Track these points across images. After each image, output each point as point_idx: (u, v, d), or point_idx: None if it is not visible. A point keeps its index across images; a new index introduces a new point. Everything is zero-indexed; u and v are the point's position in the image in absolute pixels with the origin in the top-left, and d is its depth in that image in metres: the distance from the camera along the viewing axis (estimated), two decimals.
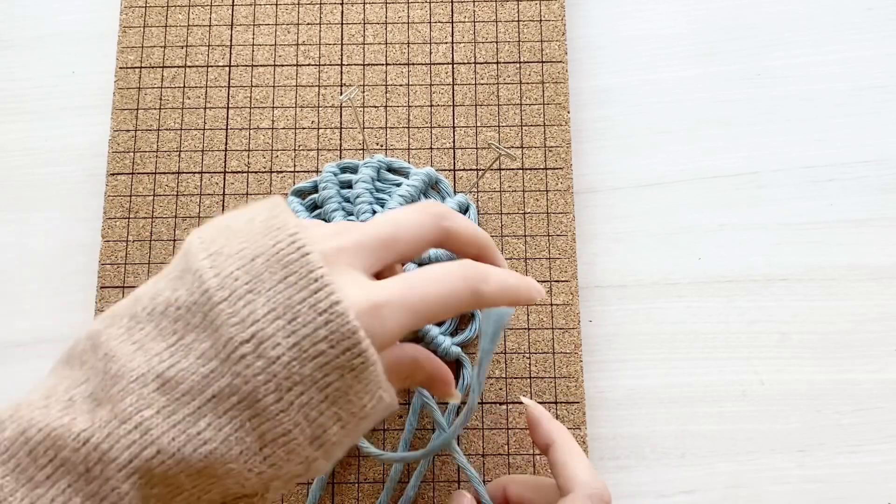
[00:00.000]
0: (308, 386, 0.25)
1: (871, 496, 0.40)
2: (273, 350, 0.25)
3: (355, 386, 0.26)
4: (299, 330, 0.25)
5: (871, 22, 0.47)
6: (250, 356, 0.24)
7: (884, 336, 0.42)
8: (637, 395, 0.41)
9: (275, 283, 0.25)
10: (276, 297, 0.25)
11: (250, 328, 0.25)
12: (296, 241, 0.26)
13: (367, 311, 0.26)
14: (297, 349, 0.25)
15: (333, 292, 0.25)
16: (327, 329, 0.25)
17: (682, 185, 0.44)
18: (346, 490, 0.39)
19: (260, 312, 0.25)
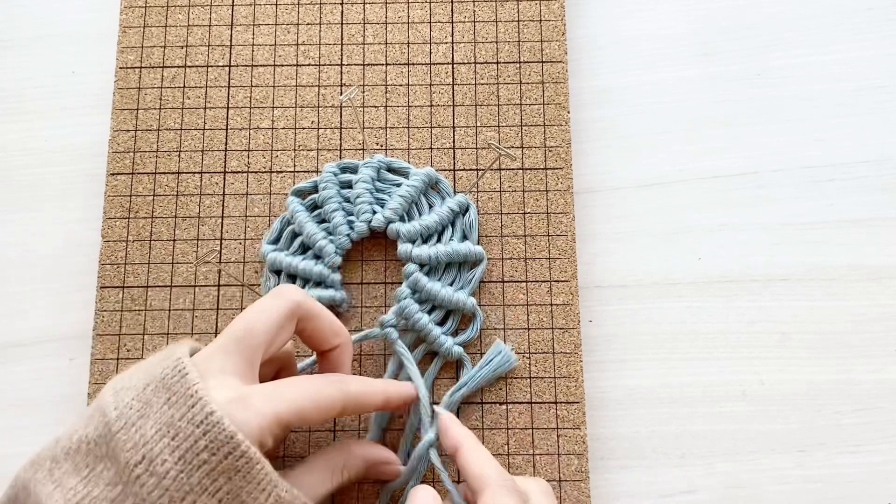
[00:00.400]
0: (199, 494, 0.28)
1: (871, 496, 0.40)
2: (161, 466, 0.28)
3: (246, 486, 0.28)
4: (182, 444, 0.28)
5: (871, 22, 0.47)
6: (144, 475, 0.28)
7: (884, 336, 0.42)
8: (637, 395, 0.41)
9: (160, 405, 0.29)
10: (161, 418, 0.28)
11: (141, 450, 0.28)
12: (178, 365, 0.30)
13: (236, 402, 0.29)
14: (182, 462, 0.28)
15: (207, 404, 0.28)
16: (206, 439, 0.28)
17: (682, 185, 0.44)
18: (346, 490, 0.39)
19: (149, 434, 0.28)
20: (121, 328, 0.41)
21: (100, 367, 0.40)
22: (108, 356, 0.40)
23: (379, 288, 0.41)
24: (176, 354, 0.30)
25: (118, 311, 0.41)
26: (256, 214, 0.42)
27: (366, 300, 0.41)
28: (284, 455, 0.39)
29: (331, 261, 0.40)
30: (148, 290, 0.41)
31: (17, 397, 0.41)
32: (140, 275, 0.41)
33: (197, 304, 0.41)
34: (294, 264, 0.40)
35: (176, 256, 0.42)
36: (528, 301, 0.41)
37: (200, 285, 0.41)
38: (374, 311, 0.41)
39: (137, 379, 0.30)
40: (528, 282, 0.41)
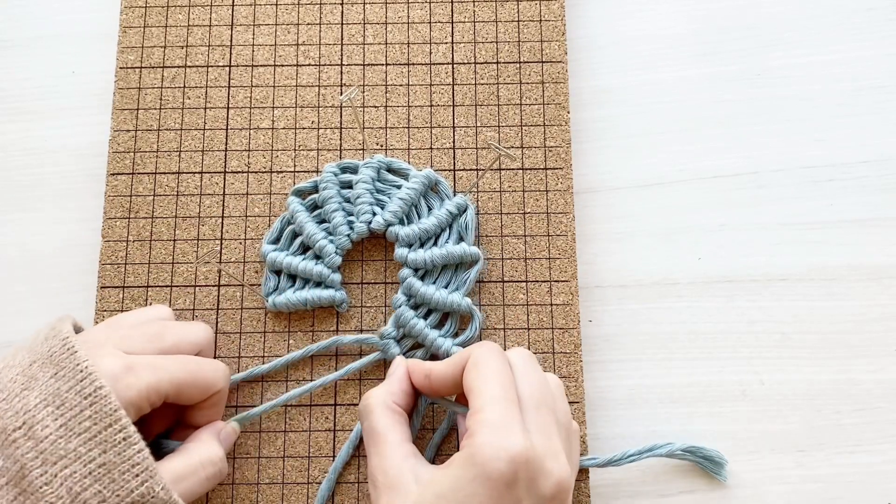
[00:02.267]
0: (72, 460, 0.29)
1: (871, 496, 0.40)
2: (42, 430, 0.29)
3: (119, 464, 0.29)
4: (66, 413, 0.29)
5: (871, 22, 0.47)
6: (21, 439, 0.28)
7: (884, 336, 0.42)
8: (637, 395, 0.41)
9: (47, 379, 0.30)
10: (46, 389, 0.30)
11: (22, 416, 0.29)
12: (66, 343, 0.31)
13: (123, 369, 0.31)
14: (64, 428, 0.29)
15: (97, 379, 0.30)
16: (92, 409, 0.29)
17: (682, 185, 0.44)
18: (346, 490, 0.39)
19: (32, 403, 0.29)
20: None
21: None
22: None
23: (379, 288, 0.41)
24: (63, 333, 0.31)
25: (118, 311, 0.41)
26: (256, 214, 0.42)
27: (366, 300, 0.41)
28: (285, 455, 0.39)
29: (331, 261, 0.40)
30: (148, 290, 0.41)
31: None
32: (140, 275, 0.41)
33: (197, 304, 0.41)
34: (294, 264, 0.40)
35: (176, 256, 0.42)
36: (528, 301, 0.41)
37: (200, 285, 0.41)
38: (374, 312, 0.41)
39: (21, 357, 0.31)
40: (528, 282, 0.41)
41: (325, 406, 0.40)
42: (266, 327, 0.41)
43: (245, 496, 0.39)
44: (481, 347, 0.33)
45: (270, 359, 0.40)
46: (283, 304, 0.40)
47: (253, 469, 0.39)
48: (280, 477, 0.39)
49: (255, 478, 0.39)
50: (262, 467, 0.39)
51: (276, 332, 0.41)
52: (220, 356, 0.40)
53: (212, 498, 0.39)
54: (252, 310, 0.41)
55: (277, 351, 0.40)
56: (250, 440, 0.39)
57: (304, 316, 0.41)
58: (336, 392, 0.40)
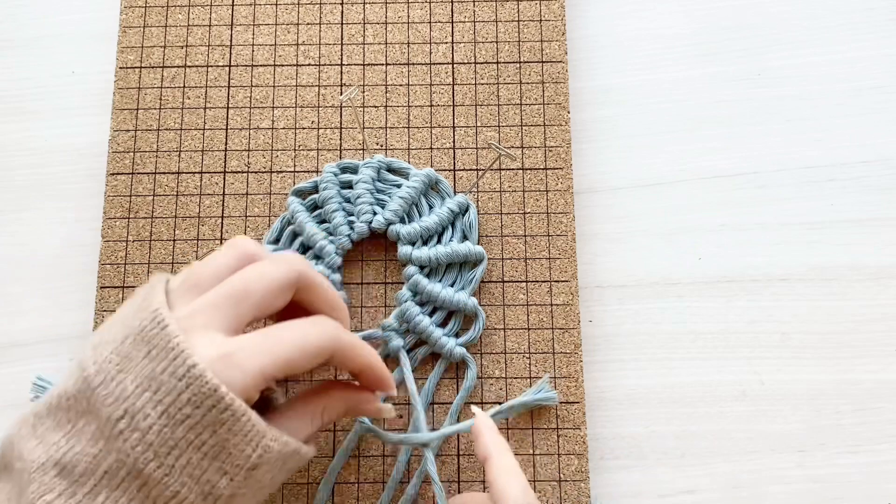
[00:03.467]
0: (184, 448, 0.27)
1: (871, 496, 0.40)
2: (144, 421, 0.27)
3: (232, 439, 0.28)
4: (164, 398, 0.27)
5: (871, 22, 0.47)
6: (126, 430, 0.27)
7: (884, 336, 0.42)
8: (637, 395, 0.41)
9: (140, 359, 0.28)
10: (142, 371, 0.28)
11: (122, 405, 0.27)
12: (156, 317, 0.28)
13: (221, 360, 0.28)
14: (165, 416, 0.27)
15: (189, 356, 0.28)
16: (189, 392, 0.27)
17: (682, 185, 0.44)
18: (346, 490, 0.39)
19: (129, 389, 0.28)
20: None
21: None
22: None
23: (379, 288, 0.41)
24: (153, 304, 0.29)
25: None
26: (256, 214, 0.42)
27: (366, 300, 0.41)
28: None
29: (331, 261, 0.40)
30: None
31: (16, 397, 0.41)
32: (140, 275, 0.41)
33: None
34: None
35: (176, 256, 0.42)
36: (528, 301, 0.41)
37: None
38: (374, 311, 0.41)
39: (115, 331, 0.29)
40: (528, 282, 0.41)
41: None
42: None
43: None
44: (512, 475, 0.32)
45: None
46: None
47: None
48: None
49: None
50: None
51: None
52: None
53: None
54: None
55: None
56: None
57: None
58: None
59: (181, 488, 0.27)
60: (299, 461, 0.31)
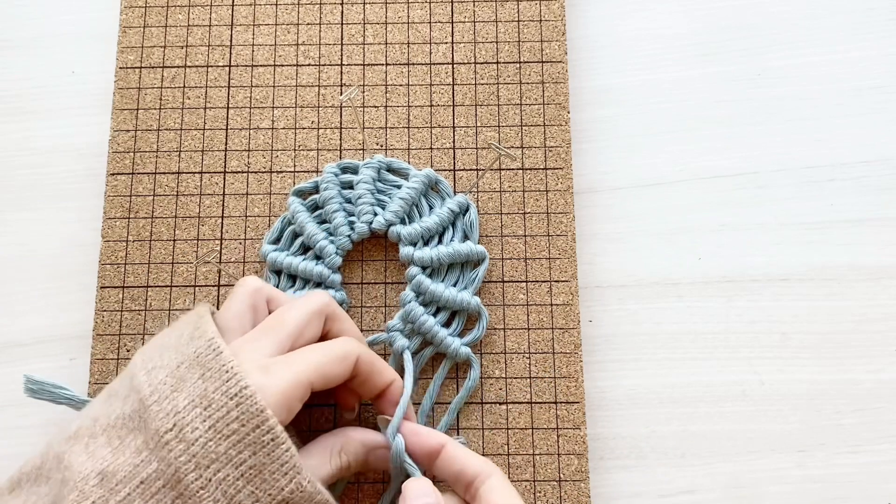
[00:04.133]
0: (224, 463, 0.29)
1: (871, 496, 0.40)
2: (192, 433, 0.29)
3: (269, 465, 0.29)
4: (214, 413, 0.29)
5: (871, 22, 0.47)
6: (173, 441, 0.29)
7: (884, 336, 0.42)
8: (637, 395, 0.41)
9: (195, 380, 0.30)
10: (195, 391, 0.30)
11: (173, 418, 0.29)
12: (212, 344, 0.31)
13: (260, 370, 0.31)
14: (212, 430, 0.29)
15: (242, 379, 0.30)
16: (238, 410, 0.29)
17: (682, 185, 0.44)
18: (346, 490, 0.39)
19: (181, 405, 0.29)
20: (121, 328, 0.41)
21: (100, 367, 0.40)
22: (108, 356, 0.40)
23: (379, 288, 0.41)
24: (208, 334, 0.31)
25: (118, 311, 0.41)
26: (256, 214, 0.42)
27: (366, 301, 0.41)
28: None
29: (331, 261, 0.40)
30: (148, 290, 0.41)
31: (16, 397, 0.41)
32: (140, 275, 0.41)
33: None
34: (294, 265, 0.40)
35: (176, 256, 0.42)
36: (528, 301, 0.41)
37: (200, 285, 0.41)
38: (375, 312, 0.41)
39: (169, 358, 0.31)
40: (528, 282, 0.41)
41: (324, 406, 0.40)
42: None
43: None
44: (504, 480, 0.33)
45: None
46: None
47: None
48: None
49: None
50: None
51: None
52: None
53: None
54: None
55: None
56: None
57: None
58: None
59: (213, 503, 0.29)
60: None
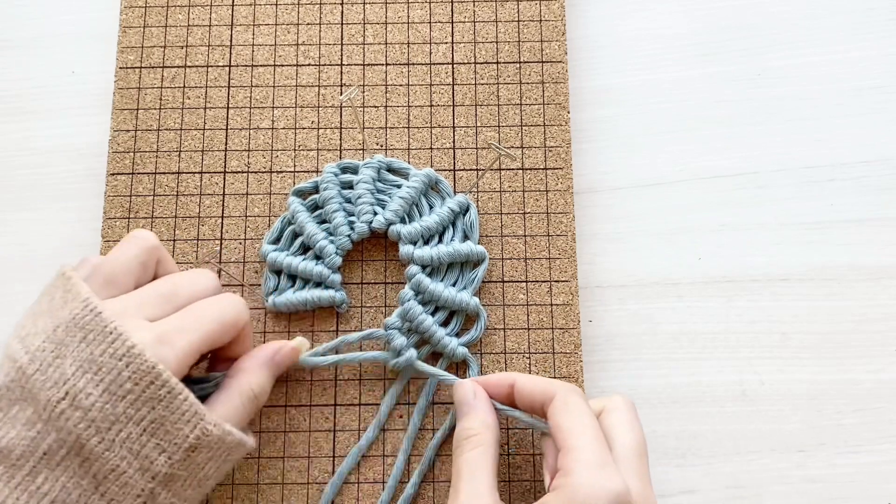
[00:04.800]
0: (125, 423, 0.29)
1: (872, 496, 0.40)
2: (87, 399, 0.29)
3: (169, 416, 0.30)
4: (105, 377, 0.29)
5: (871, 22, 0.47)
6: (68, 410, 0.29)
7: (884, 336, 0.42)
8: (637, 395, 0.41)
9: (77, 344, 0.30)
10: (80, 355, 0.29)
11: (63, 387, 0.29)
12: (88, 305, 0.30)
13: (156, 342, 0.30)
14: (107, 394, 0.29)
15: (128, 338, 0.30)
16: (129, 370, 0.29)
17: (682, 185, 0.44)
18: (346, 490, 0.39)
19: (69, 371, 0.29)
20: None
21: None
22: None
23: (379, 288, 0.41)
24: (82, 294, 0.31)
25: None
26: (256, 214, 0.42)
27: (366, 300, 0.41)
28: (285, 455, 0.39)
29: (331, 261, 0.40)
30: None
31: None
32: None
33: None
34: (294, 264, 0.40)
35: (176, 256, 0.42)
36: (528, 301, 0.41)
37: None
38: (374, 312, 0.41)
39: (44, 323, 0.31)
40: (528, 282, 0.41)
41: (324, 406, 0.40)
42: (266, 327, 0.41)
43: (245, 496, 0.39)
44: (569, 390, 0.34)
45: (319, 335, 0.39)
46: (283, 305, 0.40)
47: (253, 469, 0.39)
48: (280, 477, 0.39)
49: (254, 478, 0.39)
50: (262, 467, 0.39)
51: (276, 332, 0.41)
52: None
53: (212, 499, 0.38)
54: (252, 310, 0.41)
55: None
56: None
57: (304, 316, 0.41)
58: (336, 392, 0.40)
59: (121, 462, 0.29)
60: (242, 452, 0.33)
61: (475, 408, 0.36)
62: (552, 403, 0.34)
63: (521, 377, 0.36)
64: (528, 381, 0.36)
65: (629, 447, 0.33)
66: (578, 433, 0.32)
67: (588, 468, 0.31)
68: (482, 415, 0.35)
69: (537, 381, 0.35)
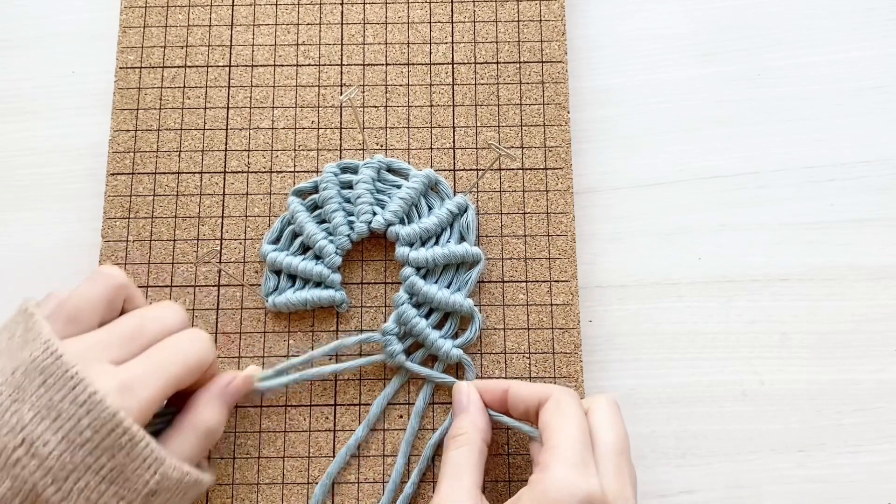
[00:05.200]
0: (83, 472, 0.28)
1: (872, 496, 0.40)
2: (44, 447, 0.28)
3: (130, 464, 0.29)
4: (65, 424, 0.28)
5: (871, 22, 0.47)
6: (24, 458, 0.28)
7: (884, 336, 0.42)
8: (637, 395, 0.41)
9: (36, 389, 0.29)
10: (38, 401, 0.29)
11: (20, 433, 0.28)
12: (49, 347, 0.29)
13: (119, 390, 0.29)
14: (66, 441, 0.28)
15: (89, 385, 0.29)
16: (90, 417, 0.28)
17: (682, 185, 0.44)
18: (346, 490, 0.39)
19: (27, 417, 0.28)
20: None
21: None
22: None
23: (379, 288, 0.41)
24: (42, 336, 0.30)
25: None
26: (256, 214, 0.42)
27: (366, 300, 0.41)
28: (285, 455, 0.39)
29: (331, 261, 0.40)
30: (148, 290, 0.41)
31: None
32: (140, 275, 0.41)
33: (197, 304, 0.41)
34: (294, 264, 0.40)
35: (176, 256, 0.42)
36: (528, 301, 0.41)
37: (200, 285, 0.41)
38: (374, 312, 0.41)
39: (2, 363, 0.30)
40: (528, 282, 0.41)
41: (324, 406, 0.40)
42: (266, 327, 0.41)
43: (245, 496, 0.39)
44: (564, 392, 0.35)
45: (270, 359, 0.40)
46: (283, 305, 0.40)
47: (253, 469, 0.39)
48: (280, 477, 0.39)
49: (254, 478, 0.39)
50: (262, 467, 0.39)
51: (275, 332, 0.41)
52: (220, 357, 0.40)
53: (212, 498, 0.39)
54: (252, 310, 0.41)
55: (277, 351, 0.40)
56: (250, 440, 0.39)
57: (303, 316, 0.41)
58: (336, 392, 0.40)
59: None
60: (200, 489, 0.32)
61: (466, 409, 0.36)
62: (545, 405, 0.34)
63: (516, 383, 0.36)
64: (522, 387, 0.36)
65: (609, 445, 0.33)
66: (562, 431, 0.33)
67: (565, 466, 0.31)
68: (472, 416, 0.36)
69: (532, 386, 0.36)
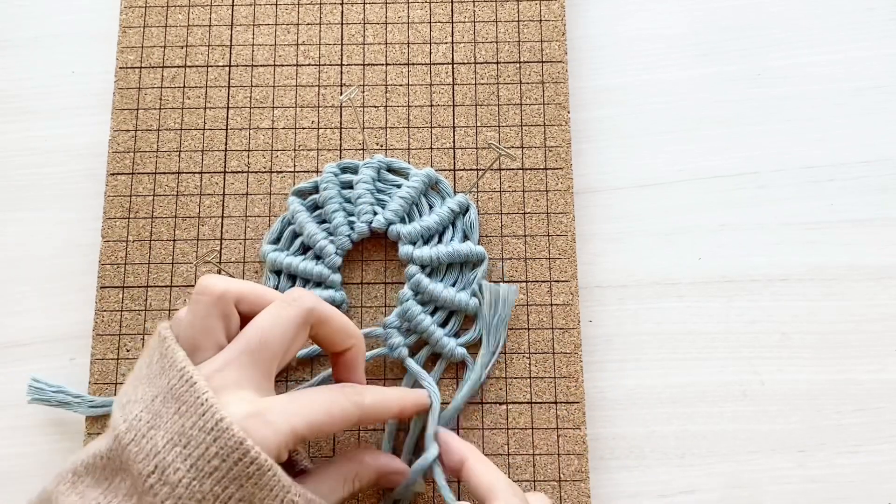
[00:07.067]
0: (211, 501, 0.28)
1: (872, 496, 0.40)
2: (174, 475, 0.28)
3: (258, 493, 0.29)
4: (193, 452, 0.28)
5: (871, 22, 0.47)
6: (157, 485, 0.28)
7: (884, 336, 0.42)
8: (637, 395, 0.41)
9: (171, 415, 0.29)
10: (172, 427, 0.29)
11: (153, 460, 0.28)
12: (184, 375, 0.30)
13: (251, 418, 0.29)
14: (194, 469, 0.28)
15: (217, 411, 0.28)
16: (217, 445, 0.28)
17: (682, 185, 0.44)
18: None
19: (160, 444, 0.29)
20: (121, 328, 0.41)
21: (100, 367, 0.40)
22: (108, 356, 0.40)
23: (379, 288, 0.41)
24: (178, 363, 0.30)
25: (118, 311, 0.41)
26: (256, 214, 0.42)
27: (366, 300, 0.41)
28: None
29: (331, 261, 0.40)
30: (148, 290, 0.41)
31: (16, 397, 0.41)
32: (140, 275, 0.41)
33: None
34: (294, 264, 0.40)
35: (176, 256, 0.42)
36: (528, 301, 0.41)
37: None
38: (374, 312, 0.41)
39: (143, 392, 0.30)
40: (528, 282, 0.41)
41: None
42: None
43: None
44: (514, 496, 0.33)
45: None
46: None
47: None
48: None
49: None
50: None
51: None
52: None
53: None
54: None
55: None
56: None
57: None
58: None
59: None
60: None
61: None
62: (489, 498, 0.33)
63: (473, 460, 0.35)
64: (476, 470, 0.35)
65: None
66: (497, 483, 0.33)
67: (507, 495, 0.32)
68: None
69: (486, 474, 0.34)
